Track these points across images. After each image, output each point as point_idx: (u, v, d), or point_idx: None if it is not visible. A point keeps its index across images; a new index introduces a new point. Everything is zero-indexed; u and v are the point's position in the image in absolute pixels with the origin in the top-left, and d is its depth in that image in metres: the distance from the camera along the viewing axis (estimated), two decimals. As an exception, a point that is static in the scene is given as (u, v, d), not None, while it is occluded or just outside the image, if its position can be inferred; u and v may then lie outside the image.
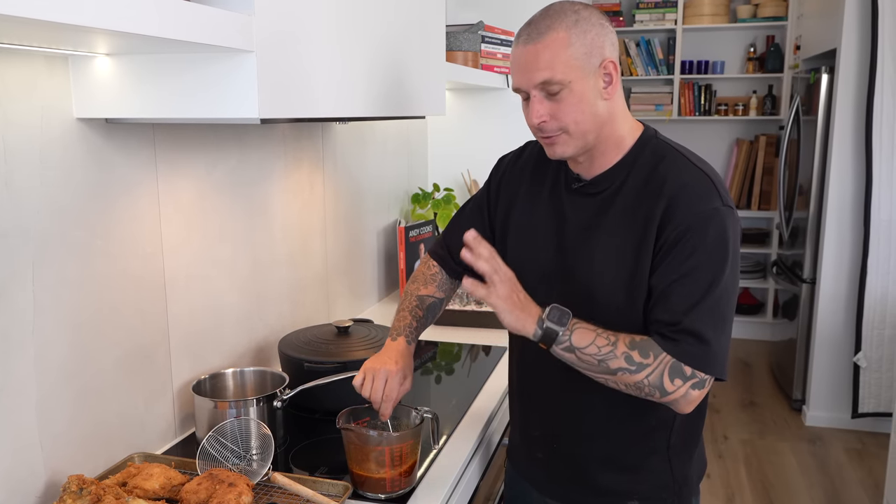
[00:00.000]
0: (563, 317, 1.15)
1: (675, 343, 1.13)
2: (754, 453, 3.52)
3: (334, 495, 1.22)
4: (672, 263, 1.14)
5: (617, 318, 1.19)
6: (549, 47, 1.13)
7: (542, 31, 1.14)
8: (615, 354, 1.13)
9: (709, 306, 1.13)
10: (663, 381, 1.13)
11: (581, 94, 1.15)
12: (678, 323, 1.13)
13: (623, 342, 1.14)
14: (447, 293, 1.49)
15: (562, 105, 1.15)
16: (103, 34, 0.89)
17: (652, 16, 5.01)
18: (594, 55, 1.15)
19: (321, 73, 1.25)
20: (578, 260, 1.24)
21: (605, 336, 1.14)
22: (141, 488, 1.19)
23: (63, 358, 1.21)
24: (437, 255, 1.49)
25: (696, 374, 1.13)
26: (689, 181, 1.17)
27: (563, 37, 1.13)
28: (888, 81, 3.35)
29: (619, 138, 1.22)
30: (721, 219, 1.14)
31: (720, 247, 1.14)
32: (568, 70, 1.13)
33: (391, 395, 1.30)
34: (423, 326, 1.44)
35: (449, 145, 2.96)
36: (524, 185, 1.36)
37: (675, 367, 1.13)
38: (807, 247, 3.82)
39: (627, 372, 1.13)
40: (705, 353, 1.13)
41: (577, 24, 1.14)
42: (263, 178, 1.76)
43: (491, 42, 2.48)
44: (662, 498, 1.30)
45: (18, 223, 1.12)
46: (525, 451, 1.41)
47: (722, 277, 1.14)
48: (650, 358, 1.13)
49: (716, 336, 1.14)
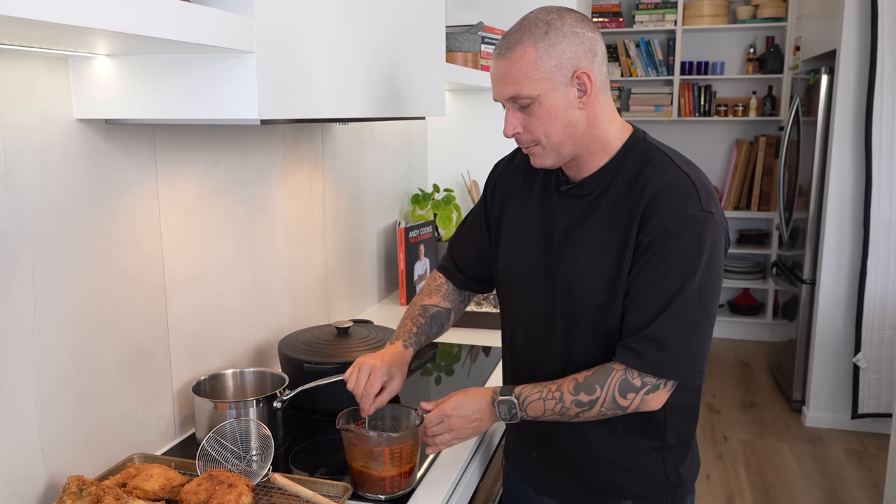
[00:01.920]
0: (511, 408, 1.24)
1: (637, 355, 1.17)
2: (754, 454, 3.52)
3: (334, 496, 1.22)
4: (645, 268, 1.17)
5: (600, 317, 1.23)
6: (515, 63, 1.15)
7: (512, 46, 1.16)
8: (566, 405, 1.21)
9: (675, 313, 1.15)
10: (617, 401, 1.19)
11: (550, 108, 1.16)
12: (643, 329, 1.17)
13: (567, 391, 1.21)
14: (454, 304, 1.50)
15: (532, 119, 1.18)
16: (103, 35, 0.89)
17: (651, 16, 5.01)
18: (565, 66, 1.15)
19: (321, 74, 1.25)
20: (564, 261, 1.26)
21: (552, 395, 1.22)
22: (141, 489, 1.19)
23: (63, 359, 1.21)
24: (443, 268, 1.52)
25: (647, 381, 1.18)
26: (670, 184, 1.18)
27: (530, 52, 1.14)
28: (888, 82, 3.35)
29: (606, 142, 1.23)
30: (697, 225, 1.15)
31: (693, 253, 1.15)
32: (535, 85, 1.15)
33: (371, 390, 1.31)
34: (424, 333, 1.44)
35: (449, 146, 2.96)
36: (516, 188, 1.38)
37: (624, 384, 1.18)
38: (806, 248, 3.82)
39: (584, 412, 1.20)
40: (665, 360, 1.17)
41: (546, 37, 1.14)
42: (263, 178, 1.76)
43: (491, 43, 2.48)
44: (657, 497, 1.31)
45: (18, 224, 1.12)
46: (520, 450, 1.42)
47: (692, 283, 1.15)
48: (596, 392, 1.19)
49: (679, 342, 1.16)
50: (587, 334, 1.24)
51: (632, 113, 5.15)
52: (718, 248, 1.18)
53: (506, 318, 1.41)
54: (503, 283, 1.39)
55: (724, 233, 1.19)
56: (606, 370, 1.20)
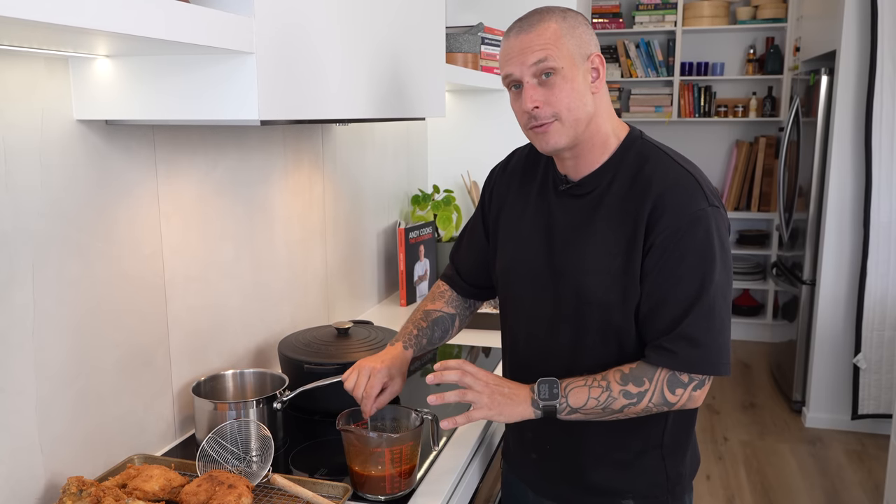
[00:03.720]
0: (553, 387, 1.19)
1: (672, 354, 1.17)
2: (754, 455, 3.52)
3: (334, 497, 1.22)
4: (664, 269, 1.17)
5: (610, 316, 1.22)
6: (542, 35, 1.18)
7: (535, 23, 1.19)
8: (613, 397, 1.18)
9: (703, 309, 1.16)
10: (665, 397, 1.18)
11: (572, 81, 1.18)
12: (673, 330, 1.17)
13: (615, 381, 1.18)
14: (458, 311, 1.50)
15: (554, 90, 1.18)
16: (103, 36, 0.89)
17: (651, 17, 5.02)
18: (583, 48, 1.19)
19: (321, 75, 1.25)
20: (569, 261, 1.25)
21: (598, 383, 1.19)
22: (141, 490, 1.19)
23: (63, 359, 1.21)
24: (446, 277, 1.53)
25: (694, 377, 1.18)
26: (674, 181, 1.19)
27: (556, 27, 1.18)
28: (888, 83, 3.35)
29: (605, 137, 1.24)
30: (708, 219, 1.16)
31: (709, 248, 1.16)
32: (561, 56, 1.17)
33: (371, 392, 1.30)
34: (425, 336, 1.44)
35: (449, 147, 2.96)
36: (513, 191, 1.38)
37: (672, 379, 1.18)
38: (806, 248, 3.82)
39: (631, 405, 1.18)
40: (701, 356, 1.17)
41: (565, 20, 1.19)
42: (263, 179, 1.77)
43: (491, 44, 2.48)
44: (656, 495, 1.31)
45: (18, 224, 1.12)
46: (519, 451, 1.42)
47: (713, 278, 1.16)
48: (645, 384, 1.18)
49: (711, 337, 1.17)
50: (597, 335, 1.24)
51: (632, 114, 5.15)
52: (727, 239, 1.20)
53: (506, 320, 1.40)
54: (503, 284, 1.38)
55: (728, 225, 1.22)
56: (649, 366, 1.19)
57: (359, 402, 1.32)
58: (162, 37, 0.89)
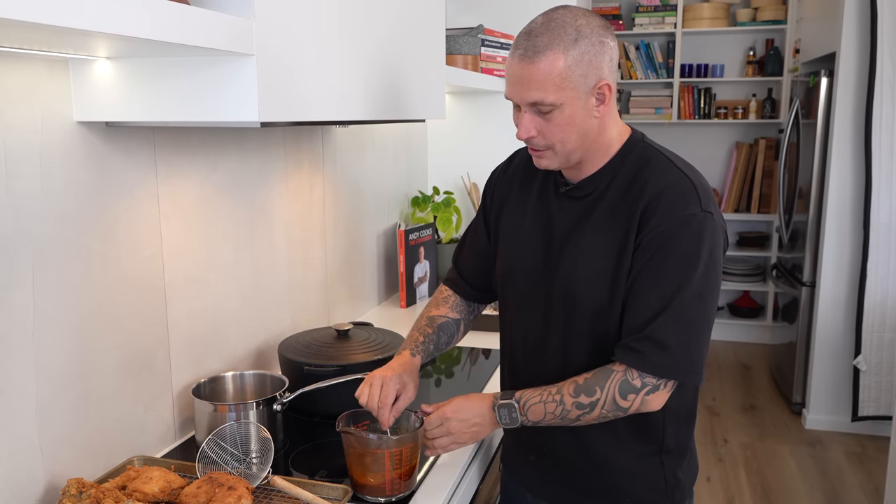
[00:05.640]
0: (511, 411, 1.24)
1: (638, 354, 1.17)
2: (754, 457, 3.52)
3: (334, 499, 1.22)
4: (645, 267, 1.17)
5: (599, 318, 1.22)
6: (543, 69, 1.12)
7: (540, 50, 1.12)
8: (567, 408, 1.20)
9: (675, 313, 1.16)
10: (617, 402, 1.19)
11: (571, 116, 1.15)
12: (643, 330, 1.17)
13: (567, 393, 1.20)
14: (462, 315, 1.50)
15: (550, 125, 1.16)
16: (104, 38, 0.89)
17: (651, 19, 5.02)
18: (590, 76, 1.14)
19: (321, 77, 1.25)
20: (563, 262, 1.26)
21: (552, 397, 1.21)
22: (140, 491, 1.18)
23: (63, 361, 1.21)
24: (449, 280, 1.52)
25: (648, 381, 1.18)
26: (669, 184, 1.18)
27: (560, 60, 1.11)
28: (887, 85, 3.35)
29: (608, 144, 1.24)
30: (697, 224, 1.15)
31: (693, 253, 1.15)
32: (561, 93, 1.13)
33: (386, 400, 1.29)
34: (431, 342, 1.44)
35: (449, 149, 2.96)
36: (513, 192, 1.38)
37: (624, 385, 1.18)
38: (806, 250, 3.82)
39: (585, 414, 1.20)
40: (667, 360, 1.17)
41: (576, 45, 1.12)
42: (263, 181, 1.77)
43: (491, 45, 2.48)
44: (655, 500, 1.31)
45: (18, 226, 1.12)
46: (518, 454, 1.42)
47: (691, 284, 1.15)
48: (597, 393, 1.19)
49: (679, 342, 1.16)
50: (585, 337, 1.24)
51: (632, 115, 5.16)
52: (717, 248, 1.18)
53: (505, 321, 1.40)
54: (502, 285, 1.38)
55: (723, 233, 1.20)
56: (607, 372, 1.19)
57: (375, 415, 1.29)
58: (162, 39, 0.89)
